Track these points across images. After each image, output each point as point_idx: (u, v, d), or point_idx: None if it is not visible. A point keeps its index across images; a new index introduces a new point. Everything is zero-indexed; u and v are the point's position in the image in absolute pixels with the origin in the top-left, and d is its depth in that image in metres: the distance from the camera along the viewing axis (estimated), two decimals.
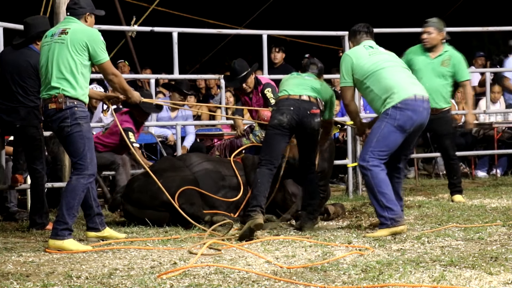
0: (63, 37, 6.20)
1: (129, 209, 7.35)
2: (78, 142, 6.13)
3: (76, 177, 6.13)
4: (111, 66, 6.36)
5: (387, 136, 6.47)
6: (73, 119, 6.13)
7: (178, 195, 7.14)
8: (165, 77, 11.44)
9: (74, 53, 6.15)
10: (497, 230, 6.55)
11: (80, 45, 6.17)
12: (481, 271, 4.86)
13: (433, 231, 6.56)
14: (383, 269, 4.97)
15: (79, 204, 6.17)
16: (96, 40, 6.23)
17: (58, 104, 6.13)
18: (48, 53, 6.25)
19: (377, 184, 6.45)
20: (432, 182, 11.07)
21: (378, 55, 6.70)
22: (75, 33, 6.20)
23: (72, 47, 6.16)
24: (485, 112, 11.12)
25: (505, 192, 9.42)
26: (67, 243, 6.01)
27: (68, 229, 6.06)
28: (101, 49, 6.24)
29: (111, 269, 5.19)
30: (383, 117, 6.51)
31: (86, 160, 6.13)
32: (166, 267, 5.26)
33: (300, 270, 5.06)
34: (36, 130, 7.30)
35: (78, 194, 6.11)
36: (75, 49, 6.16)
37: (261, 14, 16.29)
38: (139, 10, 13.86)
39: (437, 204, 8.43)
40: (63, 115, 6.13)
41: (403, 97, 6.49)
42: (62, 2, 8.54)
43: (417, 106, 6.52)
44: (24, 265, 5.44)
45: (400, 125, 6.47)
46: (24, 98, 7.26)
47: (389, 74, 6.58)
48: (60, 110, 6.13)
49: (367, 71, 6.59)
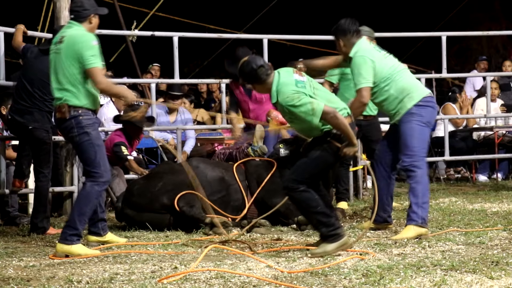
0: (59, 46, 6.12)
1: (129, 213, 7.36)
2: (89, 151, 6.07)
3: (90, 183, 6.07)
4: (98, 74, 6.07)
5: (422, 133, 6.61)
6: (79, 128, 6.06)
7: (178, 198, 7.14)
8: (166, 82, 11.45)
9: (70, 63, 6.05)
10: (498, 234, 6.55)
11: (74, 53, 6.04)
12: (482, 275, 4.85)
13: (434, 235, 6.56)
14: (384, 273, 4.97)
15: (91, 211, 6.13)
16: (86, 45, 6.04)
17: (62, 114, 6.08)
18: (51, 63, 6.21)
19: (424, 183, 6.54)
20: (433, 186, 11.04)
21: (389, 57, 6.77)
22: (68, 41, 6.09)
23: (67, 57, 6.06)
24: (486, 116, 11.13)
25: (506, 197, 9.41)
26: (75, 248, 5.98)
27: (78, 234, 6.03)
28: (90, 54, 6.03)
29: (112, 274, 5.19)
30: (408, 117, 6.57)
31: (100, 168, 6.07)
32: (167, 271, 5.25)
33: (301, 275, 5.05)
34: (46, 134, 7.35)
35: (91, 201, 6.07)
36: (70, 58, 6.05)
37: (261, 18, 16.32)
38: (140, 15, 13.89)
39: (438, 208, 8.42)
40: (68, 125, 6.08)
41: (423, 95, 6.64)
42: (63, 7, 8.57)
43: (433, 103, 6.79)
44: (25, 270, 5.43)
45: (428, 121, 6.66)
46: (41, 102, 7.34)
47: (404, 76, 6.70)
48: (65, 120, 6.08)
49: (386, 74, 6.62)
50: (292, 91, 5.72)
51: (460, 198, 9.38)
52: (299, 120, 5.79)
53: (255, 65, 5.81)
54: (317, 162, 5.87)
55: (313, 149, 5.87)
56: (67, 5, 8.57)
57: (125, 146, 8.55)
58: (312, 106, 5.67)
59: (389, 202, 6.87)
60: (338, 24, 6.74)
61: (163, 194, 7.25)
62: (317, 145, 5.86)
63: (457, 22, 17.65)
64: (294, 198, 5.92)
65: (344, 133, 5.74)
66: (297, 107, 5.69)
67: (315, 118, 5.70)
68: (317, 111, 5.68)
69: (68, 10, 8.48)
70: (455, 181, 11.81)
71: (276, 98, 5.79)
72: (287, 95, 5.71)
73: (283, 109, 5.82)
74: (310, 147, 5.92)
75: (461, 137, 11.80)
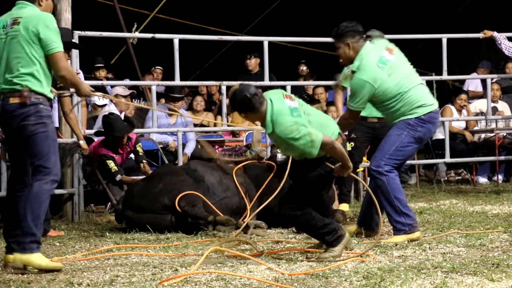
0: (15, 28, 5.47)
1: (129, 214, 7.36)
2: (43, 143, 5.40)
3: (38, 182, 5.39)
4: (62, 59, 5.54)
5: (406, 147, 6.43)
6: (37, 117, 5.43)
7: (179, 198, 7.14)
8: (166, 84, 11.44)
9: (30, 46, 5.44)
10: (499, 236, 6.55)
11: (34, 36, 5.43)
12: (483, 277, 4.85)
13: (434, 237, 6.56)
14: (385, 275, 4.97)
15: (44, 213, 5.47)
16: (49, 26, 5.46)
17: (23, 99, 5.41)
18: (3, 47, 5.52)
19: (393, 190, 6.42)
20: (434, 188, 11.06)
21: (395, 72, 6.44)
22: (27, 22, 5.46)
23: (26, 40, 5.44)
24: (486, 118, 11.12)
25: (507, 199, 9.41)
26: (35, 257, 5.37)
27: (37, 241, 5.39)
28: (53, 37, 5.46)
29: (113, 276, 5.19)
30: (404, 126, 6.43)
31: (51, 163, 5.43)
32: (167, 274, 5.25)
33: (301, 277, 5.06)
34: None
35: (43, 202, 5.40)
36: (30, 41, 5.44)
37: (262, 20, 16.31)
38: (140, 17, 13.88)
39: (439, 210, 8.42)
40: (26, 111, 5.41)
41: (429, 110, 6.46)
42: (63, 9, 8.57)
43: (436, 119, 6.60)
44: (25, 272, 5.42)
45: (420, 137, 6.47)
46: None
47: (412, 93, 6.45)
48: (24, 105, 5.41)
49: (391, 93, 6.41)
50: (290, 122, 5.53)
51: (460, 200, 9.38)
52: (295, 150, 5.65)
53: (248, 94, 5.55)
54: (311, 186, 5.82)
55: (307, 171, 5.78)
56: (68, 7, 8.59)
57: (111, 159, 8.52)
58: (311, 137, 5.53)
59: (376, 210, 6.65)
60: (343, 27, 6.48)
61: (164, 195, 7.25)
62: (310, 168, 5.77)
63: (458, 24, 17.64)
64: (293, 224, 6.01)
65: (340, 159, 5.68)
66: (297, 140, 5.53)
67: (314, 150, 5.57)
68: (316, 143, 5.54)
69: (69, 12, 8.53)
70: (455, 183, 11.81)
71: (272, 128, 5.59)
72: (285, 126, 5.52)
73: (280, 140, 5.62)
74: (303, 168, 5.81)
75: (461, 139, 11.80)
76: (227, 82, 9.83)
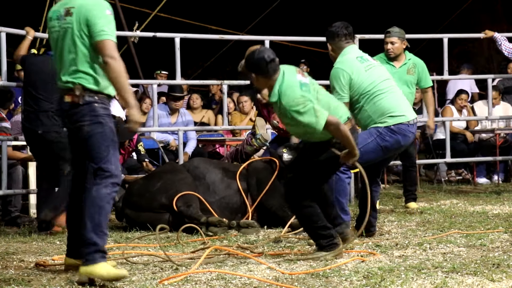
0: (68, 20, 4.99)
1: (128, 212, 7.39)
2: (101, 145, 4.95)
3: (96, 187, 4.93)
4: (111, 48, 4.94)
5: (369, 152, 6.27)
6: (93, 117, 4.97)
7: (177, 198, 7.14)
8: (167, 83, 11.45)
9: (83, 39, 4.95)
10: (499, 236, 6.54)
11: (86, 26, 4.94)
12: (483, 277, 4.85)
13: (435, 237, 6.55)
14: (385, 275, 4.97)
15: (106, 220, 4.98)
16: (99, 14, 4.95)
17: (74, 98, 4.99)
18: (55, 43, 5.11)
19: (337, 190, 6.40)
20: (434, 188, 11.06)
21: (373, 70, 6.46)
22: (79, 13, 4.97)
23: (78, 33, 4.96)
24: (487, 118, 11.12)
25: (507, 199, 9.41)
26: (99, 267, 4.86)
27: (100, 250, 4.89)
28: (104, 25, 4.93)
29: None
30: (373, 132, 6.33)
31: (111, 165, 4.95)
32: (167, 273, 5.25)
33: (302, 276, 5.06)
34: (57, 134, 7.43)
35: (103, 207, 4.91)
36: (83, 34, 4.95)
37: (263, 19, 16.32)
38: (142, 16, 13.89)
39: (439, 210, 8.42)
40: (80, 111, 4.99)
41: (399, 121, 6.37)
42: None
43: (408, 132, 6.43)
44: (26, 271, 5.43)
45: (387, 147, 6.36)
46: (46, 104, 7.45)
47: (385, 97, 6.39)
48: (76, 105, 4.99)
49: (364, 90, 6.38)
50: (298, 95, 5.48)
51: (461, 200, 9.37)
52: (298, 125, 5.60)
53: (267, 56, 5.52)
54: (317, 172, 5.77)
55: (312, 157, 5.74)
56: None
57: None
58: (316, 114, 5.47)
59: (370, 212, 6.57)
60: (329, 27, 6.58)
61: (161, 194, 7.27)
62: (316, 153, 5.73)
63: (459, 24, 17.66)
64: (297, 213, 5.87)
65: (345, 143, 5.60)
66: (301, 114, 5.47)
67: (318, 127, 5.50)
68: (320, 120, 5.47)
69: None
70: (456, 183, 11.81)
71: (278, 98, 5.56)
72: (292, 99, 5.48)
73: (285, 112, 5.56)
74: (309, 154, 5.79)
75: (462, 139, 11.80)
76: (228, 81, 9.83)
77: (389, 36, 8.41)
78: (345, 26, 6.54)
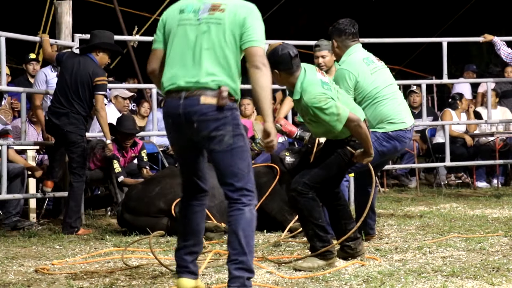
0: (218, 15, 4.43)
1: (127, 217, 7.40)
2: (243, 161, 4.42)
3: (249, 208, 4.42)
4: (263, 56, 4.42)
5: None
6: (236, 127, 4.39)
7: (175, 203, 7.13)
8: None
9: (234, 40, 4.43)
10: (499, 240, 6.55)
11: (239, 28, 4.43)
12: (483, 281, 4.85)
13: (434, 241, 6.55)
14: (385, 279, 4.97)
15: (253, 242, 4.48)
16: (258, 18, 4.49)
17: (221, 100, 4.35)
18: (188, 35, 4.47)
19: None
20: (434, 192, 11.06)
21: (378, 74, 6.45)
22: (235, 12, 4.45)
23: (231, 31, 4.42)
24: (487, 122, 11.13)
25: (507, 202, 9.41)
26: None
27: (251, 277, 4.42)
28: (260, 30, 4.45)
29: (113, 279, 5.19)
30: (371, 136, 6.15)
31: (253, 186, 4.48)
32: (167, 277, 5.25)
33: (301, 281, 5.06)
34: (81, 138, 7.62)
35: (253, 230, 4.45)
36: (234, 35, 4.42)
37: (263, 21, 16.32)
38: (141, 20, 13.89)
39: (439, 214, 8.42)
40: (223, 117, 4.37)
41: (398, 128, 6.39)
42: (64, 12, 8.57)
43: (405, 138, 6.45)
44: (26, 275, 5.43)
45: (383, 152, 6.38)
46: (78, 105, 7.61)
47: (386, 104, 6.40)
48: (221, 109, 4.36)
49: (367, 94, 6.38)
50: (320, 92, 5.47)
51: (461, 204, 9.38)
52: (319, 122, 5.56)
53: (292, 52, 5.51)
54: (330, 167, 5.72)
55: (327, 153, 5.73)
56: (69, 10, 8.60)
57: (117, 159, 8.59)
58: (338, 111, 5.46)
59: (369, 215, 6.56)
60: (336, 23, 6.56)
61: (159, 199, 7.28)
62: (330, 150, 5.72)
63: (458, 28, 17.66)
64: (298, 203, 5.68)
65: (363, 141, 5.60)
66: (323, 110, 5.44)
67: (339, 124, 5.48)
68: (342, 117, 5.46)
69: (70, 15, 8.55)
70: (456, 187, 11.81)
71: (300, 95, 5.53)
72: (314, 95, 5.46)
73: (307, 109, 5.52)
74: (323, 150, 5.79)
75: (462, 143, 11.80)
76: None
77: (319, 50, 7.49)
78: (353, 24, 6.54)
